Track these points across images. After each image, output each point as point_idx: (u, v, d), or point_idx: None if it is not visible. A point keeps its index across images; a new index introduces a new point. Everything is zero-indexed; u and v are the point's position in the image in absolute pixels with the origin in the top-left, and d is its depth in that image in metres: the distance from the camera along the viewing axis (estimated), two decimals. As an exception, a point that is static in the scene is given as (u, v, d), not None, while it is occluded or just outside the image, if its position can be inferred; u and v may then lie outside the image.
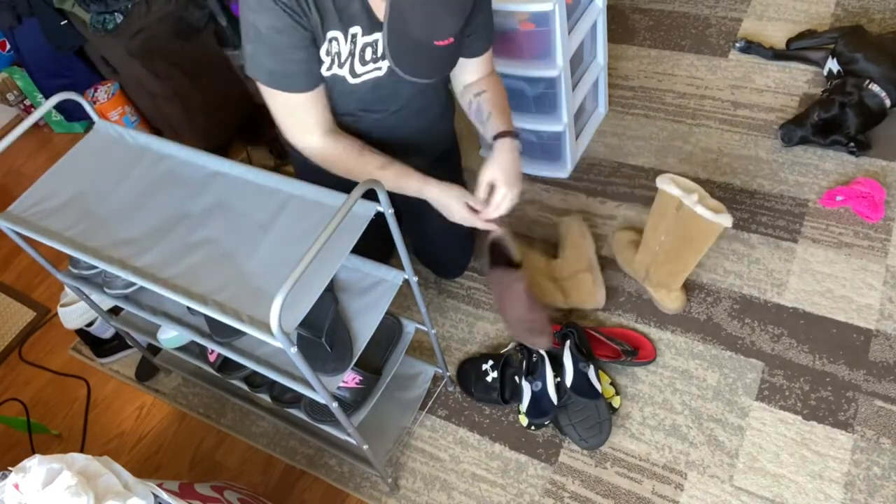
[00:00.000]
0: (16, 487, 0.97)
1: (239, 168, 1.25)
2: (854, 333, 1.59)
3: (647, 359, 1.62)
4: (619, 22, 2.47)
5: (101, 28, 2.11)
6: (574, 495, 1.48)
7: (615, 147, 2.10)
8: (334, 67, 1.28)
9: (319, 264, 1.06)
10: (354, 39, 1.25)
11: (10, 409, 1.93)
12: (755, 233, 1.80)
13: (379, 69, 1.32)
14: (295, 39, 1.19)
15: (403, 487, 1.56)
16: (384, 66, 1.32)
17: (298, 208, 1.16)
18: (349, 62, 1.28)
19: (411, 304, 1.87)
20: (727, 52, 2.27)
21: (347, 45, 1.26)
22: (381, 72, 1.32)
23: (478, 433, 1.61)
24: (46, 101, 1.29)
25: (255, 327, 1.01)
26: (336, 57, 1.27)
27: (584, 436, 1.51)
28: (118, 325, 1.60)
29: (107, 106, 2.41)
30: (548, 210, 1.99)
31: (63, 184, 1.31)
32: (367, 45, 1.27)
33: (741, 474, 1.44)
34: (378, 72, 1.32)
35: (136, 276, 1.11)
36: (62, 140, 2.81)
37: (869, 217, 1.76)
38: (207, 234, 1.16)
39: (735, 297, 1.70)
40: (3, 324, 2.16)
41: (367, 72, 1.31)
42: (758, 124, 2.04)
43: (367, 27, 1.25)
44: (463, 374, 1.69)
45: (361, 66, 1.30)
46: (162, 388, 1.87)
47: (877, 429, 1.44)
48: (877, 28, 2.19)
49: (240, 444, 1.72)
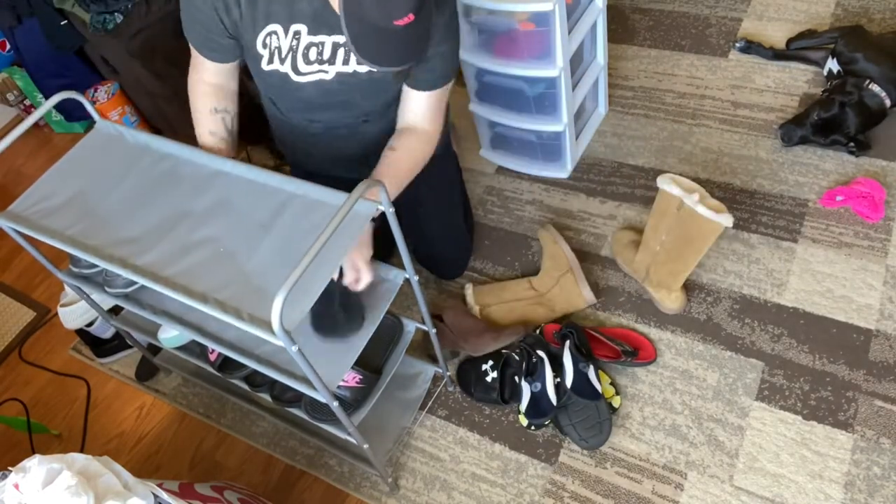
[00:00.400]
0: (16, 487, 0.97)
1: (240, 167, 1.25)
2: (854, 333, 1.59)
3: (647, 359, 1.62)
4: (619, 22, 2.48)
5: (101, 28, 2.11)
6: (574, 495, 1.48)
7: (615, 147, 2.11)
8: (275, 62, 1.31)
9: (320, 263, 1.06)
10: (297, 36, 1.27)
11: (10, 409, 1.93)
12: (755, 233, 1.80)
13: (325, 72, 1.32)
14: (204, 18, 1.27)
15: (403, 487, 1.56)
16: (332, 71, 1.32)
17: (299, 207, 1.16)
18: (290, 58, 1.30)
19: (411, 304, 1.87)
20: (727, 52, 2.27)
21: (288, 41, 1.27)
22: (327, 75, 1.32)
23: (478, 433, 1.61)
24: (46, 101, 1.29)
25: (256, 326, 1.01)
26: (276, 52, 1.29)
27: (585, 436, 1.51)
28: (118, 324, 1.60)
29: (107, 106, 2.41)
30: (548, 210, 1.99)
31: (63, 183, 1.30)
32: (312, 44, 1.28)
33: (741, 474, 1.44)
34: (324, 74, 1.32)
35: (136, 275, 1.11)
36: (62, 140, 2.81)
37: (869, 217, 1.76)
38: (208, 233, 1.16)
39: (735, 297, 1.70)
40: (3, 324, 2.15)
41: (312, 72, 1.32)
42: (758, 124, 2.04)
43: (314, 27, 1.25)
44: (463, 374, 1.69)
45: (305, 64, 1.31)
46: (162, 388, 1.87)
47: (877, 429, 1.44)
48: (877, 28, 2.19)
49: (240, 444, 1.72)
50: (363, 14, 1.04)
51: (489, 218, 2.02)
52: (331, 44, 1.28)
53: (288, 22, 1.25)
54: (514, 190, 2.07)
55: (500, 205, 2.04)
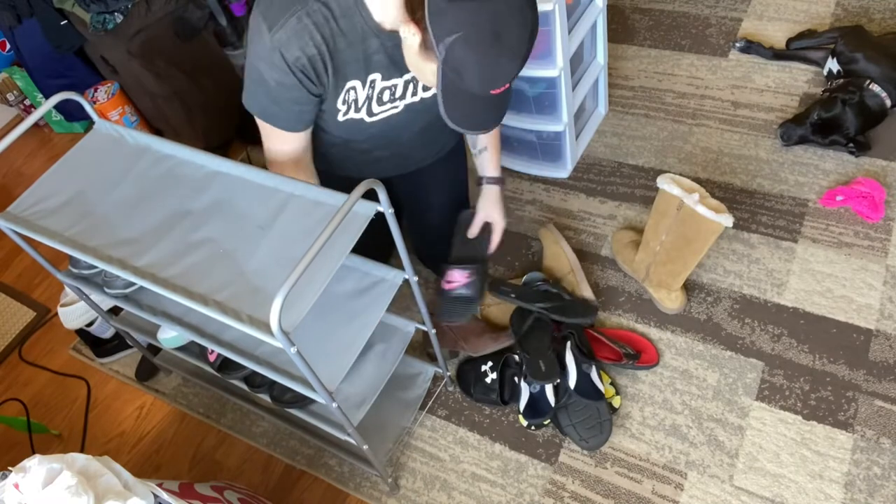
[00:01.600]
0: (16, 487, 0.97)
1: (239, 168, 1.25)
2: (854, 333, 1.59)
3: (649, 363, 1.61)
4: (619, 22, 2.47)
5: (101, 28, 2.11)
6: (574, 495, 1.48)
7: (615, 147, 2.10)
8: (350, 113, 1.29)
9: (320, 264, 1.06)
10: (373, 85, 1.25)
11: (10, 409, 1.93)
12: (755, 233, 1.80)
13: (396, 108, 1.32)
14: (297, 96, 1.20)
15: (403, 487, 1.56)
16: (401, 105, 1.32)
17: (299, 208, 1.16)
18: (366, 105, 1.29)
19: (411, 304, 1.87)
20: (727, 51, 2.27)
21: (365, 91, 1.26)
22: (397, 109, 1.33)
23: (478, 433, 1.61)
24: (46, 101, 1.29)
25: (255, 327, 1.01)
26: (353, 104, 1.27)
27: (585, 436, 1.51)
28: (118, 325, 1.60)
29: (107, 106, 2.41)
30: (548, 210, 1.99)
31: (63, 183, 1.30)
32: (386, 88, 1.27)
33: (741, 474, 1.44)
34: (395, 110, 1.33)
35: (135, 276, 1.11)
36: (62, 140, 2.81)
37: (869, 217, 1.76)
38: (207, 233, 1.16)
39: (735, 296, 1.70)
40: (3, 324, 2.16)
41: (384, 111, 1.32)
42: (758, 124, 2.04)
43: (387, 73, 1.24)
44: (462, 374, 1.69)
45: (379, 106, 1.30)
46: (162, 388, 1.87)
47: (877, 429, 1.44)
48: (877, 28, 2.19)
49: (240, 444, 1.72)
50: (462, 87, 1.02)
51: (489, 218, 2.02)
52: (402, 83, 1.28)
53: (365, 75, 1.23)
54: (514, 190, 2.07)
55: (499, 205, 2.04)
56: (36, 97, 2.70)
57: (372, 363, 1.41)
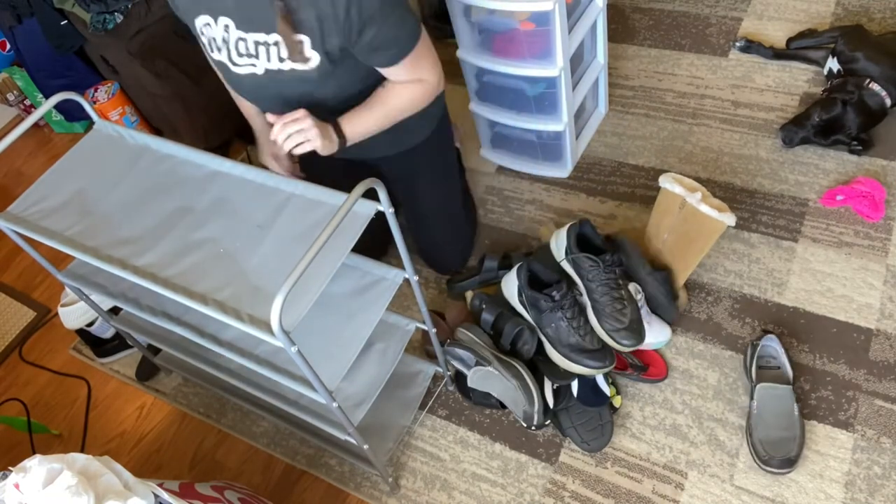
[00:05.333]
0: (16, 487, 0.97)
1: (239, 168, 1.25)
2: (854, 333, 1.58)
3: (657, 377, 1.58)
4: (619, 21, 2.47)
5: (101, 28, 2.11)
6: (574, 495, 1.48)
7: (615, 147, 2.10)
8: (214, 51, 1.35)
9: (320, 263, 1.06)
10: (227, 29, 1.29)
11: (10, 409, 1.93)
12: (755, 232, 1.80)
13: (254, 67, 1.33)
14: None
15: (404, 487, 1.56)
16: (261, 68, 1.33)
17: (298, 207, 1.16)
18: (227, 50, 1.32)
19: (411, 304, 1.87)
20: (727, 51, 2.27)
21: (219, 32, 1.30)
22: (256, 70, 1.33)
23: (478, 433, 1.61)
24: (46, 101, 1.29)
25: (255, 326, 1.01)
26: (212, 41, 1.33)
27: (586, 438, 1.50)
28: (118, 325, 1.60)
29: (107, 106, 2.41)
30: (548, 209, 1.99)
31: (63, 183, 1.31)
32: (240, 39, 1.30)
33: (742, 474, 1.44)
34: (253, 69, 1.33)
35: (136, 276, 1.11)
36: (62, 140, 2.81)
37: (869, 216, 1.76)
38: (207, 233, 1.16)
39: (735, 296, 1.70)
40: (3, 324, 2.16)
41: (245, 66, 1.34)
42: (758, 124, 2.04)
43: (239, 24, 1.27)
44: (461, 375, 1.68)
45: (238, 57, 1.33)
46: (162, 387, 1.87)
47: (877, 428, 1.44)
48: (877, 27, 2.19)
49: (240, 444, 1.72)
50: None
51: (489, 217, 2.02)
52: (252, 42, 1.29)
53: (216, 14, 1.28)
54: (514, 189, 2.07)
55: (500, 204, 2.04)
56: (36, 97, 2.70)
57: (372, 362, 1.41)
